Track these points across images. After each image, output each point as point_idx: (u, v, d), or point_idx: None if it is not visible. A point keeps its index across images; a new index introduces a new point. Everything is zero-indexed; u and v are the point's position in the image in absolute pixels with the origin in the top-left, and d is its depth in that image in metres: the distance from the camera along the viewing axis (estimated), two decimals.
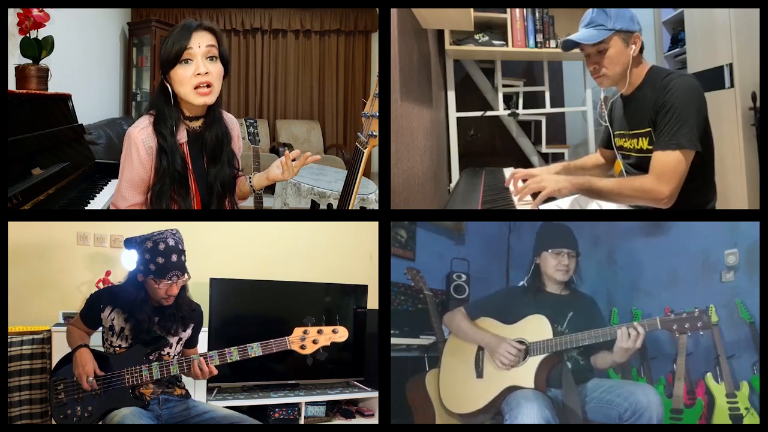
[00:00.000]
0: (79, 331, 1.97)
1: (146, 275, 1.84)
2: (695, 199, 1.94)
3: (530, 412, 1.75)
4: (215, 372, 1.85)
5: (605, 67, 1.89)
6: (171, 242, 1.83)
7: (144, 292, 1.88)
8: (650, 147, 1.90)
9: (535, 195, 1.92)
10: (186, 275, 1.87)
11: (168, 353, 1.91)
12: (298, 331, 1.84)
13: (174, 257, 1.82)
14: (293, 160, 1.85)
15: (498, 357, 1.98)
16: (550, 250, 2.12)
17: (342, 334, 1.85)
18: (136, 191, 1.75)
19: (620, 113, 2.06)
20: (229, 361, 1.85)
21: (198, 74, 1.70)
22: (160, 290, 1.84)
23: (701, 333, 1.81)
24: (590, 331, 1.90)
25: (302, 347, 1.82)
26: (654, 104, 1.84)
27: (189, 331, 1.98)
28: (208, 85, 1.72)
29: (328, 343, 1.84)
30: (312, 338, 1.83)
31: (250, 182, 1.93)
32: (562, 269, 2.11)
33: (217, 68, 1.74)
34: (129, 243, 1.90)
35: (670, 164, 1.78)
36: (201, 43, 1.71)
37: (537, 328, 1.99)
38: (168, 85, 1.74)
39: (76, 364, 1.83)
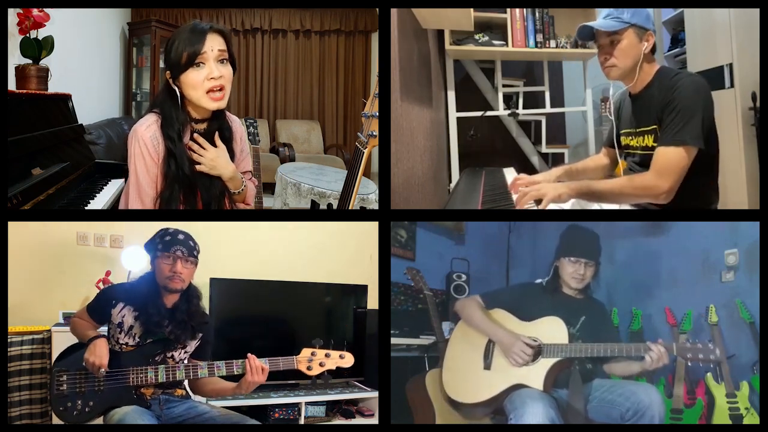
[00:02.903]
0: (87, 323, 1.95)
1: (155, 258, 1.90)
2: (698, 198, 1.95)
3: (536, 412, 1.75)
4: (267, 368, 1.83)
5: (616, 57, 1.92)
6: (180, 229, 1.92)
7: (155, 285, 1.91)
8: (655, 144, 1.91)
9: (536, 202, 1.93)
10: (192, 259, 1.90)
11: (173, 356, 1.91)
12: (306, 352, 1.86)
13: (180, 236, 1.90)
14: None
15: (512, 356, 1.98)
16: (569, 258, 2.13)
17: (348, 360, 1.87)
18: (153, 184, 1.74)
19: (628, 112, 2.08)
20: (236, 373, 1.85)
21: (212, 78, 1.69)
22: (165, 266, 1.87)
23: (712, 366, 1.86)
24: (606, 345, 1.91)
25: (309, 368, 1.85)
26: (661, 102, 1.86)
27: (196, 342, 1.97)
28: (221, 89, 1.71)
29: (334, 368, 1.86)
30: (319, 361, 1.86)
31: (243, 185, 1.91)
32: (577, 277, 2.12)
33: (228, 71, 1.74)
34: (146, 245, 1.95)
35: (672, 160, 1.79)
36: (213, 46, 1.70)
37: (553, 330, 1.99)
38: (176, 88, 1.72)
39: (92, 352, 1.80)
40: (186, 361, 1.95)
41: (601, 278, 2.91)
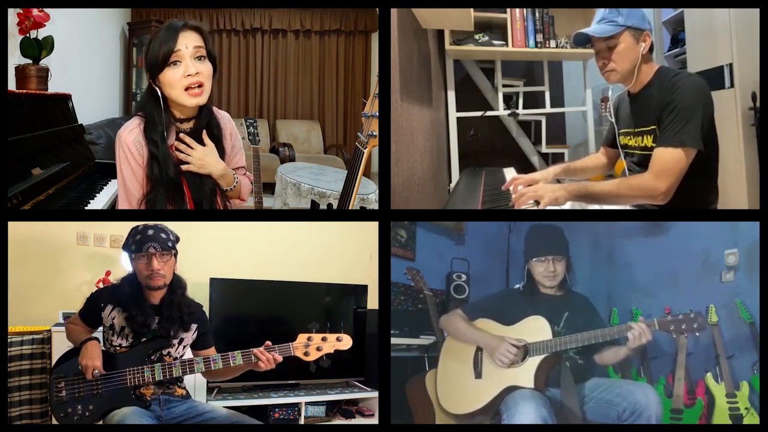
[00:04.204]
0: (80, 328, 1.97)
1: (131, 259, 1.89)
2: (698, 199, 1.95)
3: (527, 412, 1.75)
4: (279, 359, 1.82)
5: (614, 62, 1.91)
6: (150, 224, 1.88)
7: (137, 286, 1.90)
8: (654, 144, 1.91)
9: (535, 203, 1.92)
10: (168, 252, 1.87)
11: (169, 353, 1.91)
12: (302, 338, 1.82)
13: (150, 231, 1.86)
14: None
15: (498, 356, 1.98)
16: (534, 259, 2.14)
17: (346, 342, 1.83)
18: (140, 187, 1.73)
19: (627, 111, 2.08)
20: (232, 364, 1.84)
21: (188, 75, 1.67)
22: (141, 266, 1.86)
23: (698, 334, 1.85)
24: (590, 332, 1.92)
25: (306, 354, 1.81)
26: (660, 102, 1.85)
27: (192, 333, 1.97)
28: (200, 85, 1.69)
29: (332, 351, 1.82)
30: (316, 345, 1.81)
31: (235, 182, 1.89)
32: (548, 275, 2.13)
33: (206, 67, 1.71)
34: (123, 245, 1.94)
35: (670, 161, 1.79)
36: (188, 43, 1.68)
37: (536, 329, 1.99)
38: (157, 89, 1.71)
39: (84, 355, 1.82)
40: (185, 356, 1.95)
41: (601, 278, 2.94)
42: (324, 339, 1.82)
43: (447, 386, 2.14)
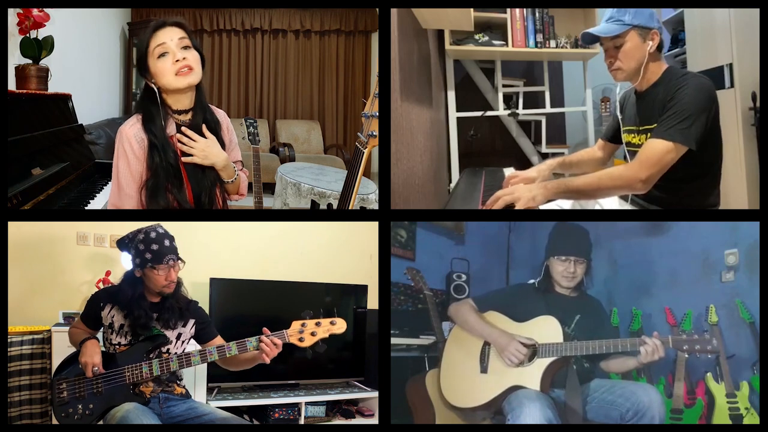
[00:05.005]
0: (82, 331, 1.97)
1: (144, 266, 1.87)
2: (700, 201, 1.94)
3: (533, 412, 1.75)
4: (279, 342, 1.82)
5: (620, 60, 1.92)
6: (161, 230, 1.90)
7: (141, 287, 1.91)
8: None
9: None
10: (181, 261, 1.90)
11: (168, 351, 1.91)
12: (296, 324, 1.83)
13: (167, 242, 1.88)
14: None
15: (507, 355, 1.98)
16: (558, 257, 2.12)
17: (340, 325, 1.83)
18: (135, 184, 1.75)
19: (632, 109, 2.08)
20: (228, 356, 1.84)
21: (177, 61, 1.72)
22: (159, 277, 1.87)
23: (709, 356, 1.85)
24: (602, 341, 1.91)
25: (301, 340, 1.81)
26: (664, 100, 1.86)
27: (190, 327, 1.98)
28: (189, 68, 1.73)
29: (327, 335, 1.82)
30: (310, 330, 1.81)
31: (236, 174, 1.91)
32: (567, 276, 2.11)
33: (193, 54, 1.75)
34: (121, 244, 1.94)
35: (657, 153, 1.79)
36: (173, 36, 1.74)
37: (548, 330, 1.98)
38: (151, 85, 1.75)
39: (83, 353, 1.84)
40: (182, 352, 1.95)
41: (601, 278, 2.94)
42: (318, 324, 1.82)
43: (451, 377, 2.12)
